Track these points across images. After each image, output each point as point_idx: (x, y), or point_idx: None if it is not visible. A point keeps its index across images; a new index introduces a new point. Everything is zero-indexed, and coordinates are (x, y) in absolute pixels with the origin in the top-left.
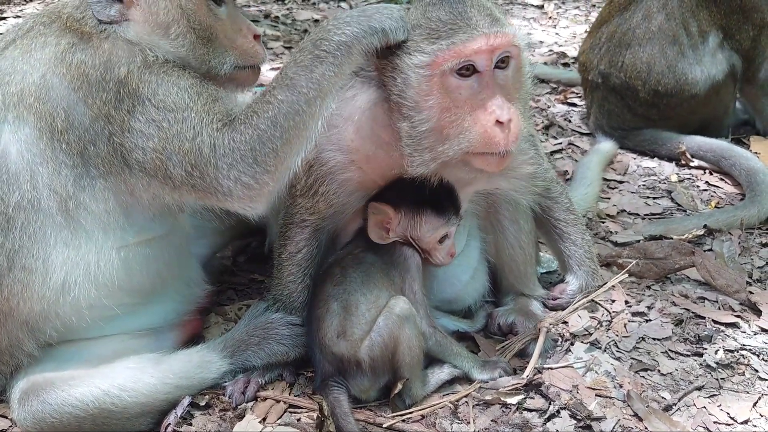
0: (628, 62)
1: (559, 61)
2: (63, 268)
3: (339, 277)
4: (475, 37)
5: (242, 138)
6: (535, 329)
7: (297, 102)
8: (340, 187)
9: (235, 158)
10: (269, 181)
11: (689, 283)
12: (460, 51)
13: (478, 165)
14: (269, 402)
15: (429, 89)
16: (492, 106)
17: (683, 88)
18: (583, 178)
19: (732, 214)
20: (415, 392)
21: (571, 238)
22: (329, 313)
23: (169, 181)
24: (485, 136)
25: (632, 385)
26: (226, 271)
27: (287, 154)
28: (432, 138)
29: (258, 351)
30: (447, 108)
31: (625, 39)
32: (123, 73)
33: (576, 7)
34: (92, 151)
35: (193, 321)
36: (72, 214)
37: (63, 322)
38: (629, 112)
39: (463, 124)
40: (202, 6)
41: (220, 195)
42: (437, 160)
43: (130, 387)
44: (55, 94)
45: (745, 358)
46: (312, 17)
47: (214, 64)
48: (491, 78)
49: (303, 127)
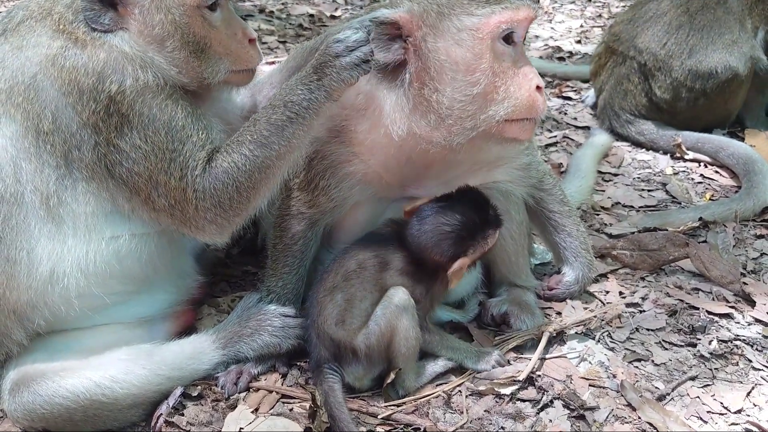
0: (673, 42)
1: (554, 56)
2: (50, 259)
3: (353, 273)
4: (520, 6)
5: (223, 188)
6: (537, 330)
7: (270, 158)
8: (341, 180)
9: (213, 203)
10: (239, 221)
11: (683, 275)
12: (511, 17)
13: (513, 133)
14: (262, 392)
15: (482, 51)
16: (530, 74)
17: (724, 72)
18: (577, 171)
19: (727, 207)
20: (408, 384)
21: (566, 230)
22: (332, 303)
23: (150, 203)
24: (530, 100)
25: (626, 375)
26: (219, 263)
27: (257, 199)
28: (477, 103)
29: (251, 342)
30: (495, 72)
31: (678, 21)
32: (114, 90)
33: (572, 2)
34: (76, 156)
35: (186, 312)
36: (54, 211)
37: (51, 312)
38: (646, 96)
39: (509, 88)
40: (197, 18)
41: (194, 229)
42: (478, 128)
43: (122, 378)
44: (44, 96)
45: (739, 348)
46: (307, 12)
47: (207, 75)
48: (522, 48)
49: (273, 177)
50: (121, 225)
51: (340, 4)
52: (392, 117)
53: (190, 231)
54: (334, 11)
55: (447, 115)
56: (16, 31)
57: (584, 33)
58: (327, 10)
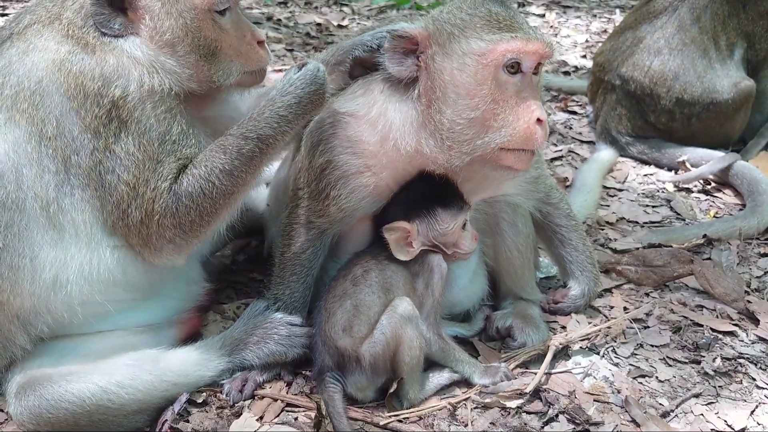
0: (656, 68)
1: (560, 70)
2: (53, 266)
3: (359, 278)
4: (532, 39)
5: (186, 210)
6: (543, 345)
7: (236, 185)
8: (352, 192)
9: (174, 223)
10: (197, 243)
11: (688, 291)
12: (519, 47)
13: (509, 162)
14: (267, 400)
15: (484, 77)
16: (533, 105)
17: (709, 96)
18: (582, 186)
19: (731, 224)
20: (412, 395)
21: (572, 244)
22: (341, 309)
23: (126, 217)
24: (527, 132)
25: (630, 391)
26: (225, 270)
27: (218, 223)
28: (475, 128)
29: (256, 350)
30: (495, 99)
31: (655, 46)
32: (118, 94)
33: (577, 17)
34: (75, 161)
35: (192, 319)
36: (55, 218)
37: (54, 318)
38: (641, 118)
39: (508, 117)
40: (207, 21)
41: (153, 250)
42: (473, 153)
43: (128, 384)
44: (49, 101)
45: (743, 366)
46: (314, 20)
47: (217, 78)
48: (531, 80)
49: (236, 203)
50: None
51: (347, 14)
52: (402, 131)
53: (149, 252)
54: (341, 20)
55: (447, 136)
56: (23, 35)
57: (590, 48)
58: (334, 20)
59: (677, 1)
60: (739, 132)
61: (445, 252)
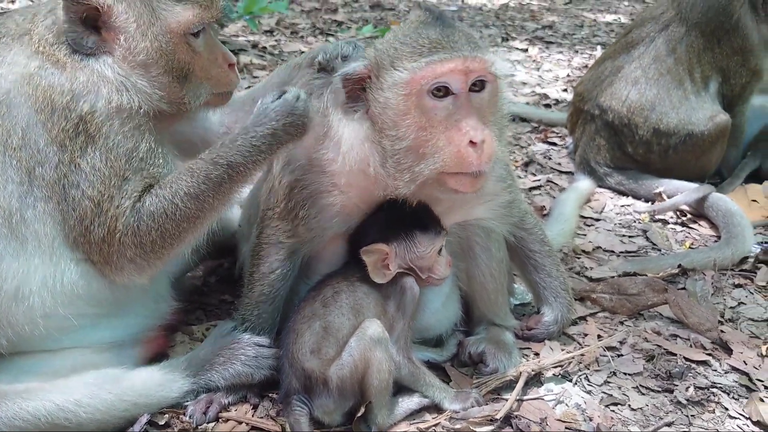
0: (633, 98)
1: (541, 102)
2: (15, 277)
3: (329, 299)
4: (452, 58)
5: (147, 230)
6: (516, 371)
7: (202, 210)
8: (321, 211)
9: (134, 242)
10: (160, 264)
11: (662, 320)
12: (435, 70)
13: (452, 185)
14: (231, 423)
15: (407, 108)
16: (466, 127)
17: (685, 128)
18: (560, 215)
19: (706, 255)
20: (381, 420)
21: (546, 270)
22: (310, 330)
23: (89, 234)
24: (458, 156)
25: (602, 419)
26: (196, 291)
27: (182, 246)
28: (410, 157)
29: (222, 371)
30: (423, 127)
31: (633, 76)
32: (86, 110)
33: (559, 52)
34: (39, 173)
35: (158, 338)
36: (17, 228)
37: (15, 331)
38: (619, 149)
39: (438, 143)
40: (182, 45)
41: (114, 268)
42: (416, 180)
43: (86, 402)
44: (16, 112)
45: (716, 395)
46: (300, 49)
47: (188, 99)
48: (467, 100)
49: (202, 227)
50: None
51: (332, 43)
52: (360, 155)
53: (110, 270)
54: None
55: (390, 164)
56: None
57: (570, 82)
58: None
59: (654, 33)
60: (716, 165)
61: (419, 276)
